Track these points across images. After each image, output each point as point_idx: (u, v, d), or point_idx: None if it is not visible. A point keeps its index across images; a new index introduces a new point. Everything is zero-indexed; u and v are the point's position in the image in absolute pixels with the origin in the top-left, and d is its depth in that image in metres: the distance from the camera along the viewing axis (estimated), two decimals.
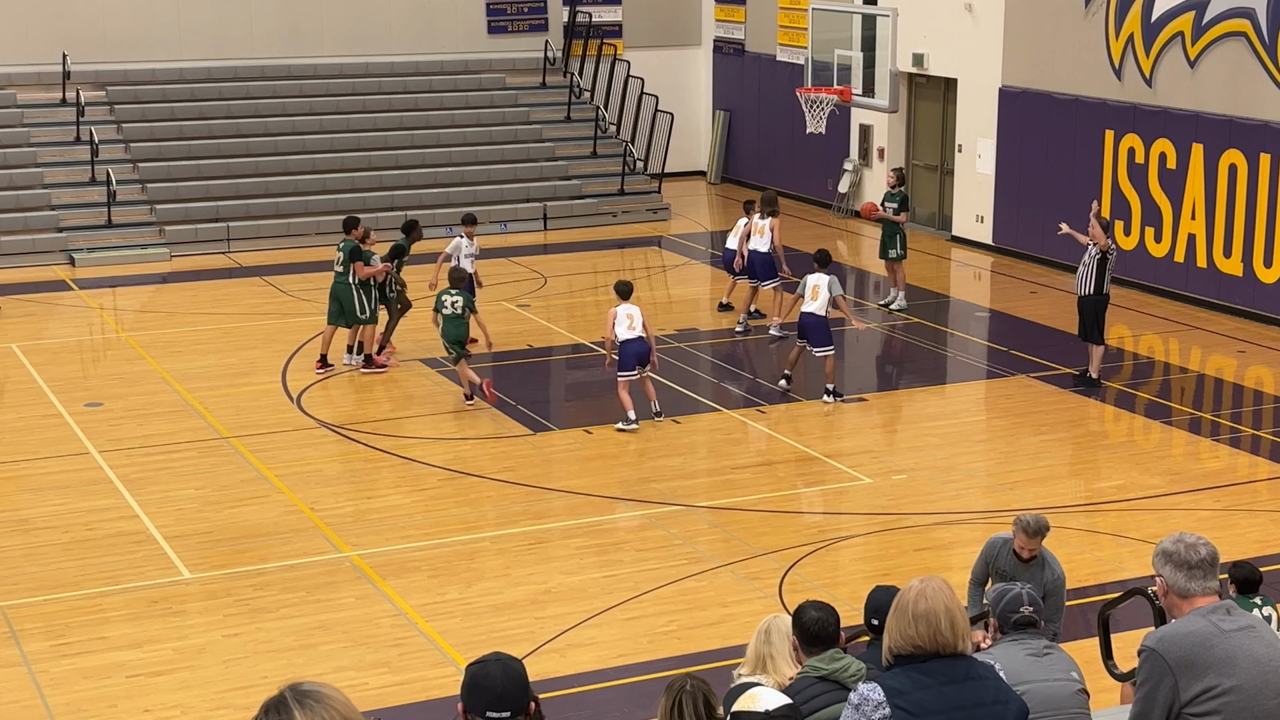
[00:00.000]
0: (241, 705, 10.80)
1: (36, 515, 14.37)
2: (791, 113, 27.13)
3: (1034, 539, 9.58)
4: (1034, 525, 9.57)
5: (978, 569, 10.03)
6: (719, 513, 14.45)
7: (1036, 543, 9.59)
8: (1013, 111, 24.62)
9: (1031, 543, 9.58)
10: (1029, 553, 9.62)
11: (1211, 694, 5.29)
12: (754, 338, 20.45)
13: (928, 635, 5.02)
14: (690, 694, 5.73)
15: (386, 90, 28.96)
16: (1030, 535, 9.57)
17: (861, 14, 24.50)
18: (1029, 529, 9.57)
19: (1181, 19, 21.70)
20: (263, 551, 13.58)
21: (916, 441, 16.42)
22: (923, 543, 13.82)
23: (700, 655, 11.44)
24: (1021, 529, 9.60)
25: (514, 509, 14.61)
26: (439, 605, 12.47)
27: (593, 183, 28.51)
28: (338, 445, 16.31)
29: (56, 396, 17.84)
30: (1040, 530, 9.58)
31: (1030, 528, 9.56)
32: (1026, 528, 9.57)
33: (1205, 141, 21.38)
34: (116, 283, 23.62)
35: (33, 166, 26.07)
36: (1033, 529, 9.56)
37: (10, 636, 11.89)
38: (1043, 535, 9.60)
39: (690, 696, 5.71)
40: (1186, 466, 15.78)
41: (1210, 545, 5.56)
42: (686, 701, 5.70)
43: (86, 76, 27.38)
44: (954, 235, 26.22)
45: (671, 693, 5.77)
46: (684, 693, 5.74)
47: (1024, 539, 9.59)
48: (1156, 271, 22.29)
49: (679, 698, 5.72)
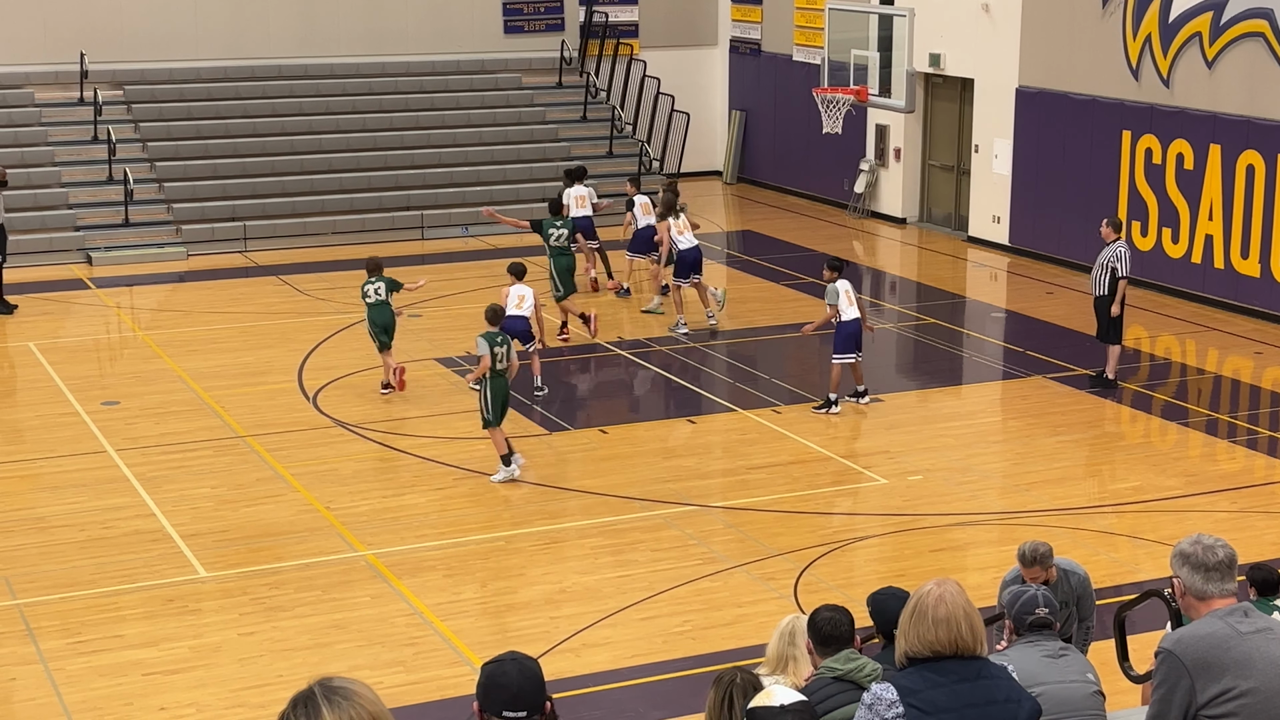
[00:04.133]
0: (256, 704, 10.82)
1: (53, 513, 14.41)
2: (808, 113, 27.10)
3: (1032, 568, 9.04)
4: (1030, 555, 9.05)
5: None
6: (734, 513, 14.44)
7: (1037, 571, 9.04)
8: (1030, 112, 24.57)
9: (1032, 571, 9.04)
10: (1035, 581, 9.12)
11: (1228, 696, 5.27)
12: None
13: (948, 640, 5.03)
14: (740, 687, 5.75)
15: (403, 90, 28.99)
16: (1027, 566, 9.05)
17: (878, 14, 24.46)
18: (1024, 559, 9.06)
19: (1199, 19, 21.64)
20: (278, 550, 13.60)
21: (932, 442, 16.40)
22: (938, 544, 13.80)
23: (715, 656, 11.43)
24: (1020, 561, 9.09)
25: (529, 508, 14.62)
26: (454, 604, 12.48)
27: (609, 183, 28.48)
28: (353, 444, 16.33)
29: (73, 395, 17.89)
30: (1037, 558, 9.04)
31: (1026, 558, 9.06)
32: (1023, 558, 9.07)
33: (1223, 142, 21.32)
34: (133, 281, 23.67)
35: (50, 165, 26.14)
36: (1028, 559, 9.05)
37: (27, 634, 11.93)
38: (1041, 563, 9.05)
39: (740, 690, 5.73)
40: (1203, 468, 15.73)
41: (1228, 547, 5.55)
42: (737, 694, 5.72)
43: (104, 76, 27.44)
44: (970, 236, 26.17)
45: (721, 686, 5.78)
46: (734, 686, 5.76)
47: (1025, 571, 9.05)
48: (1173, 272, 22.23)
49: (729, 691, 5.73)
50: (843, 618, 6.68)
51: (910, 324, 21.25)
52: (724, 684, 5.77)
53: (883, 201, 28.15)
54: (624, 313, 21.75)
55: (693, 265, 20.56)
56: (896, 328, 21.12)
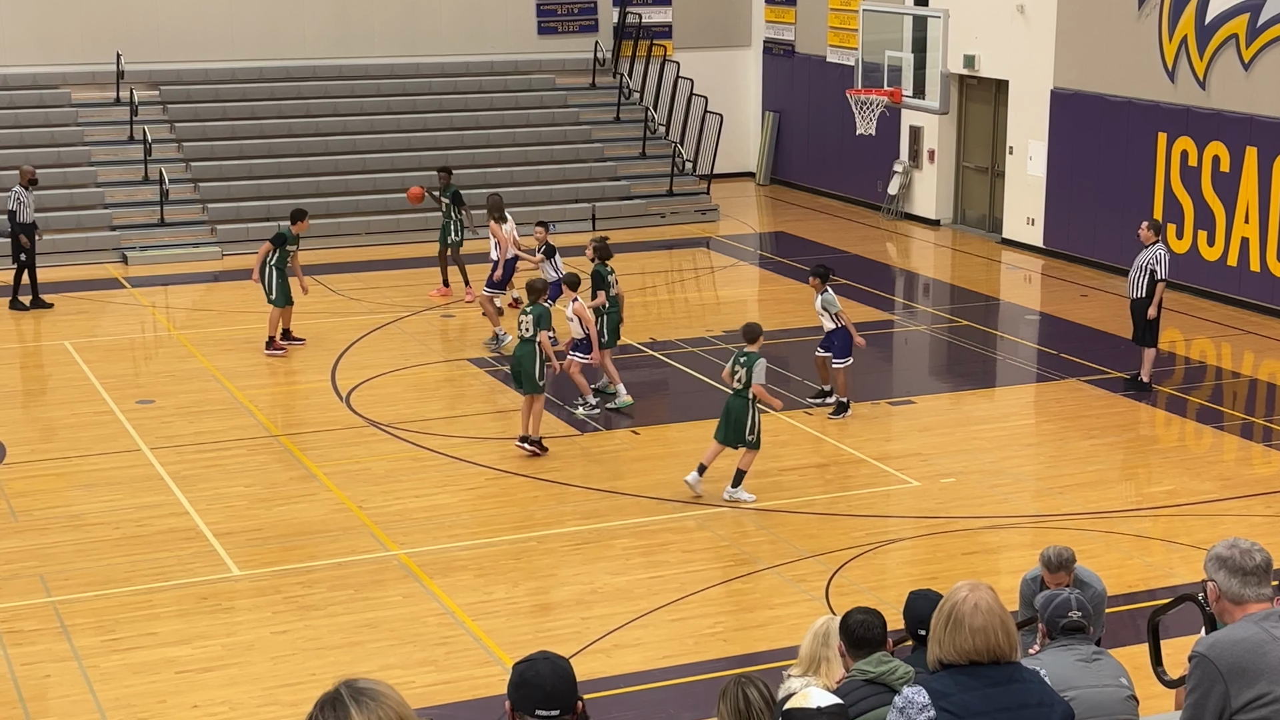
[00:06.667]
0: (289, 702, 10.85)
1: (88, 511, 14.49)
2: (841, 114, 27.05)
3: (1056, 574, 9.04)
4: (1055, 560, 9.07)
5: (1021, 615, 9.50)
6: (766, 514, 14.43)
7: (1062, 577, 9.03)
8: (1064, 113, 24.48)
9: (1056, 577, 9.03)
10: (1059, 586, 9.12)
11: (1263, 701, 5.24)
12: (800, 341, 20.41)
13: (985, 649, 5.02)
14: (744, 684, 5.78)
15: (436, 90, 29.06)
16: (1053, 571, 9.05)
17: (912, 15, 24.39)
18: (1050, 565, 9.07)
19: (1236, 21, 21.52)
20: (311, 549, 13.64)
21: (965, 445, 16.35)
22: (971, 546, 13.76)
23: (746, 657, 11.43)
24: (1044, 565, 9.12)
25: (561, 509, 14.64)
26: (486, 604, 12.50)
27: (641, 184, 28.52)
28: (386, 444, 16.37)
29: (109, 393, 17.99)
30: (1062, 564, 9.06)
31: (1052, 563, 9.07)
32: (1048, 563, 9.08)
33: (1259, 144, 21.20)
34: (168, 281, 23.79)
35: (87, 165, 26.29)
36: (1054, 564, 9.05)
37: (61, 631, 12.00)
38: (1066, 569, 9.06)
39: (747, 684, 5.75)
40: (1238, 472, 15.64)
41: (1264, 551, 5.52)
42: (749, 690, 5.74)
43: (140, 76, 27.59)
44: (1004, 238, 26.08)
45: (729, 694, 5.80)
46: (740, 684, 5.79)
47: (1048, 576, 9.06)
48: (1209, 275, 22.11)
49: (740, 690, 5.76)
50: (875, 620, 6.67)
51: (944, 326, 21.19)
52: (731, 689, 5.80)
53: (916, 203, 28.08)
54: (653, 314, 21.74)
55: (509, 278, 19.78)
56: (930, 330, 21.06)
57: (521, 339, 15.77)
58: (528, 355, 15.64)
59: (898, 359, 19.83)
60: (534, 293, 15.94)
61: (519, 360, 15.72)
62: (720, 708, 5.77)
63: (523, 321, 15.72)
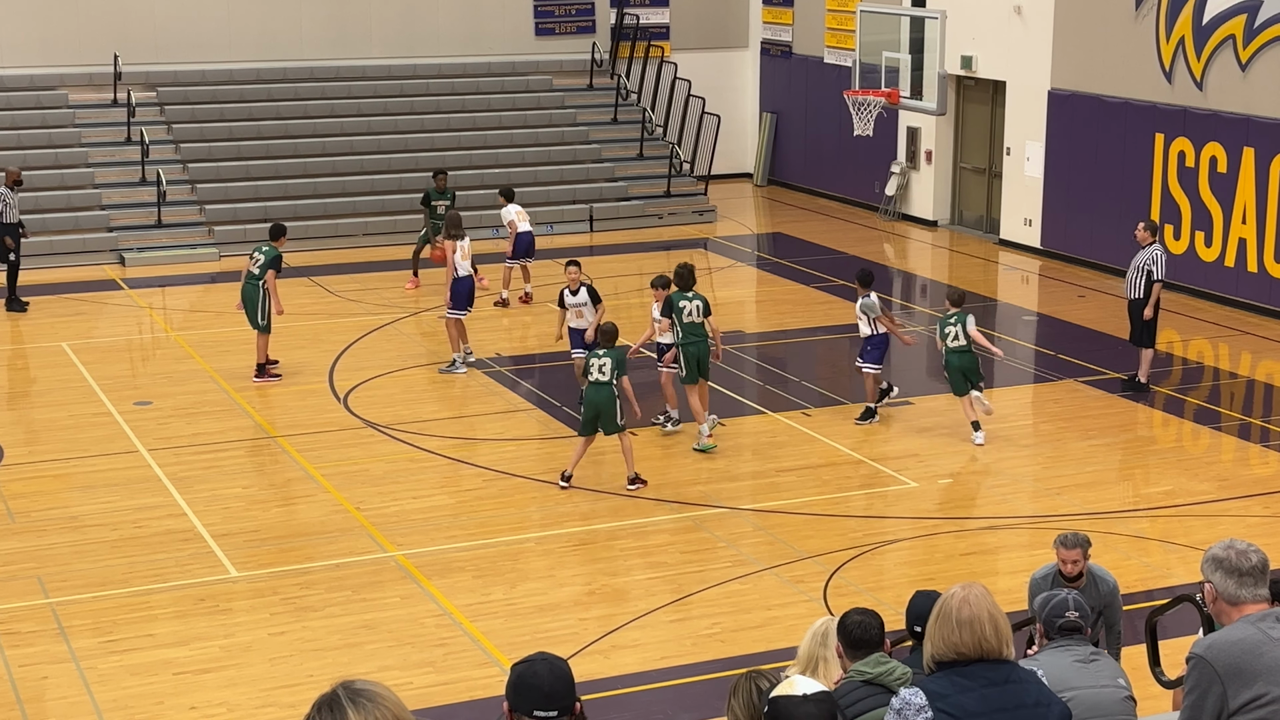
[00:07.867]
0: (287, 703, 10.85)
1: (86, 513, 14.49)
2: (839, 115, 27.06)
3: (1073, 550, 9.27)
4: (1072, 538, 9.31)
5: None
6: (764, 515, 14.43)
7: (1077, 554, 9.27)
8: (1062, 114, 24.49)
9: (1072, 554, 9.26)
10: (1072, 566, 9.30)
11: (1260, 702, 5.25)
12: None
13: (972, 642, 5.03)
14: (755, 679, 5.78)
15: (434, 92, 29.06)
16: (1069, 548, 9.27)
17: (910, 16, 24.41)
18: (1067, 542, 9.30)
19: (1233, 22, 21.53)
20: (309, 550, 13.64)
21: (963, 446, 16.35)
22: (968, 547, 13.76)
23: (744, 658, 11.42)
24: (1060, 543, 9.32)
25: (558, 510, 14.64)
26: (483, 606, 12.50)
27: (639, 184, 28.52)
28: (384, 445, 16.37)
29: (106, 395, 17.98)
30: (1079, 542, 9.30)
31: (1069, 540, 9.30)
32: (1065, 541, 9.31)
33: (1256, 145, 21.21)
34: (166, 282, 23.79)
35: (84, 166, 26.29)
36: (1071, 541, 9.30)
37: (59, 633, 12.00)
38: (1083, 548, 9.30)
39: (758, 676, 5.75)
40: (1236, 472, 15.65)
41: (1261, 552, 5.53)
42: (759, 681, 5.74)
43: (137, 77, 27.59)
44: (1002, 239, 26.09)
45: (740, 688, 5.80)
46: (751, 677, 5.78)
47: (1064, 551, 9.27)
48: (1206, 276, 22.13)
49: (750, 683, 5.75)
50: (873, 621, 6.67)
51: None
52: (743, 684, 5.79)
53: (914, 204, 28.10)
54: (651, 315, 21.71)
55: (469, 296, 18.99)
56: (927, 331, 21.05)
57: (593, 383, 14.91)
58: (607, 401, 14.85)
59: (896, 360, 19.81)
60: (607, 336, 15.21)
61: (596, 405, 14.86)
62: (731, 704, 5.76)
63: (596, 364, 14.89)
